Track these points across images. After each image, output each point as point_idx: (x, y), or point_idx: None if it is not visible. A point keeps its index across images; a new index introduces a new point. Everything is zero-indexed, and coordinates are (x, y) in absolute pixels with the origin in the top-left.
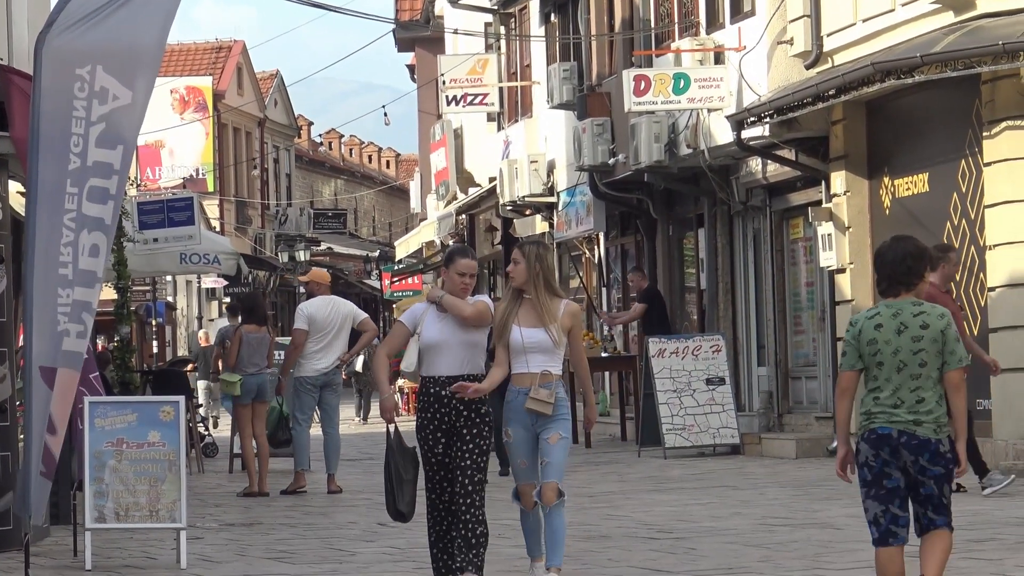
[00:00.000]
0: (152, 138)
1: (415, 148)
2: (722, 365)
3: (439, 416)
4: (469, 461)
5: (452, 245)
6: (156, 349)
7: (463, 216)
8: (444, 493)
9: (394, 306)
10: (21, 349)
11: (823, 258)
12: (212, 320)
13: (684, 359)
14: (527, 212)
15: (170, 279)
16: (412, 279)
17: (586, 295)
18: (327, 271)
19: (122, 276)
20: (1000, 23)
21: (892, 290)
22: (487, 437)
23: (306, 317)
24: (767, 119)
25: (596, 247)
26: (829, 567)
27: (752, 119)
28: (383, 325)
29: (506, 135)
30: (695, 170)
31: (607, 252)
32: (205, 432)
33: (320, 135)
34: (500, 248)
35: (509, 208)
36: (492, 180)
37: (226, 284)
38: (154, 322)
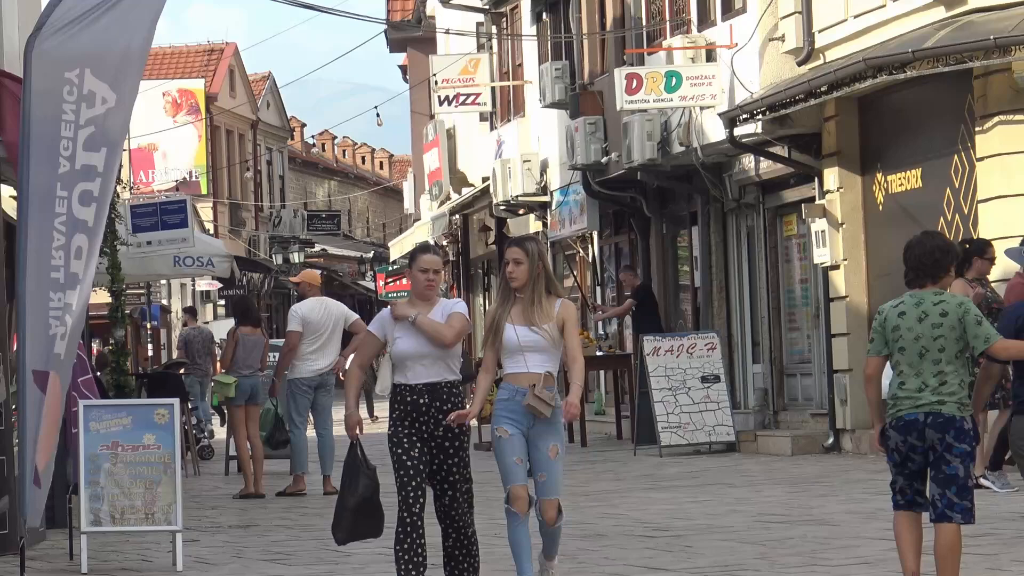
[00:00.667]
0: (145, 141)
1: (408, 149)
2: (717, 363)
3: (416, 425)
4: (457, 475)
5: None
6: (151, 352)
7: (457, 216)
8: (416, 505)
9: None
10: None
11: (817, 255)
12: (208, 323)
13: (679, 357)
14: (521, 212)
15: (164, 282)
16: (406, 280)
17: (580, 294)
18: (318, 272)
19: (116, 280)
20: (991, 18)
21: (918, 281)
22: (468, 443)
23: (300, 319)
24: (759, 116)
25: (590, 246)
26: (826, 563)
27: (744, 116)
28: None
29: (499, 135)
30: (688, 168)
31: (601, 251)
32: (203, 437)
33: (313, 136)
34: (494, 248)
35: (503, 208)
36: (485, 180)
37: (220, 287)
38: (149, 325)
